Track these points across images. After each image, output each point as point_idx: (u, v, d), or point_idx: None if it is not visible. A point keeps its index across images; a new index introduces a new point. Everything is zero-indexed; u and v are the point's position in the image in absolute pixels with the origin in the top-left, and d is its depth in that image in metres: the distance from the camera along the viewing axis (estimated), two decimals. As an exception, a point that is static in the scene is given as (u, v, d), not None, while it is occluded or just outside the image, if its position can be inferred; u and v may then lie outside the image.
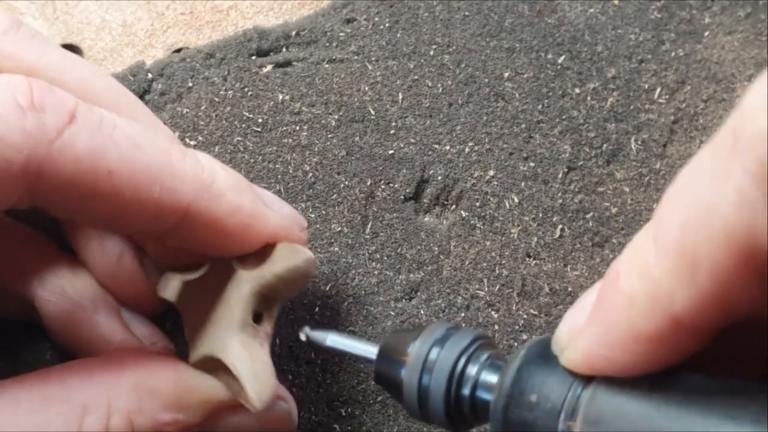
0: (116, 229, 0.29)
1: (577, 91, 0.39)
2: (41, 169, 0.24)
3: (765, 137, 0.18)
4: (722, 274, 0.19)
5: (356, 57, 0.39)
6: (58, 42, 0.41)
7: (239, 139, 0.38)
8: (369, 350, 0.28)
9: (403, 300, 0.36)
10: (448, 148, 0.38)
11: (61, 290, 0.31)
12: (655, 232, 0.20)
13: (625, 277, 0.21)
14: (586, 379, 0.22)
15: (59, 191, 0.25)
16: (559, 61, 0.39)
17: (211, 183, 0.28)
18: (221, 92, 0.38)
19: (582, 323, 0.22)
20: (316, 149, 0.38)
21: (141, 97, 0.38)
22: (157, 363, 0.28)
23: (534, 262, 0.37)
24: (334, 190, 0.37)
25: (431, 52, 0.40)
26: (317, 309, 0.36)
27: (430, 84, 0.39)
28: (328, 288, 0.36)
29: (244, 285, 0.30)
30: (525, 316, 0.36)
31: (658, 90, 0.39)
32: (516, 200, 0.38)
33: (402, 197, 0.37)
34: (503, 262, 0.37)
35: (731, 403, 0.19)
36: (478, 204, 0.37)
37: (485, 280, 0.37)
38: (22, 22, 0.29)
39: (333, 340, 0.29)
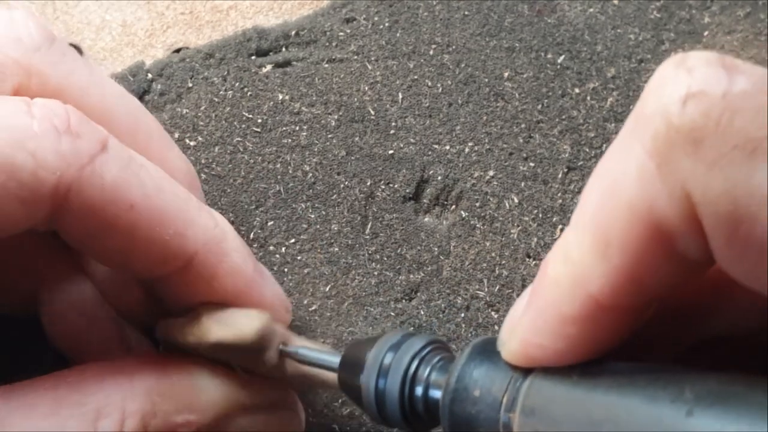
0: (124, 265, 0.29)
1: (577, 90, 0.39)
2: (69, 192, 0.25)
3: (658, 115, 0.18)
4: (631, 250, 0.19)
5: (356, 57, 0.39)
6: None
7: (239, 139, 0.38)
8: (333, 360, 0.29)
9: (403, 300, 0.36)
10: (447, 148, 0.38)
11: (67, 296, 0.31)
12: (575, 214, 0.21)
13: (552, 262, 0.21)
14: (526, 372, 0.22)
15: (81, 218, 0.25)
16: (559, 60, 0.39)
17: (221, 240, 0.29)
18: (221, 92, 0.38)
19: (519, 315, 0.22)
20: (315, 149, 0.38)
21: (140, 97, 0.38)
22: (169, 366, 0.29)
23: (534, 262, 0.37)
24: (334, 191, 0.37)
25: (431, 52, 0.40)
26: (316, 309, 0.36)
27: (429, 84, 0.39)
28: (328, 288, 0.36)
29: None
30: (525, 317, 0.36)
31: (658, 90, 0.39)
32: (516, 200, 0.38)
33: (402, 197, 0.37)
34: (503, 262, 0.37)
35: (653, 385, 0.19)
36: (478, 204, 0.37)
37: (485, 281, 0.37)
38: (56, 37, 0.29)
39: (302, 353, 0.30)
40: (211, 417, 0.29)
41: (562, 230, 0.37)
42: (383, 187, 0.37)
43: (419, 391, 0.25)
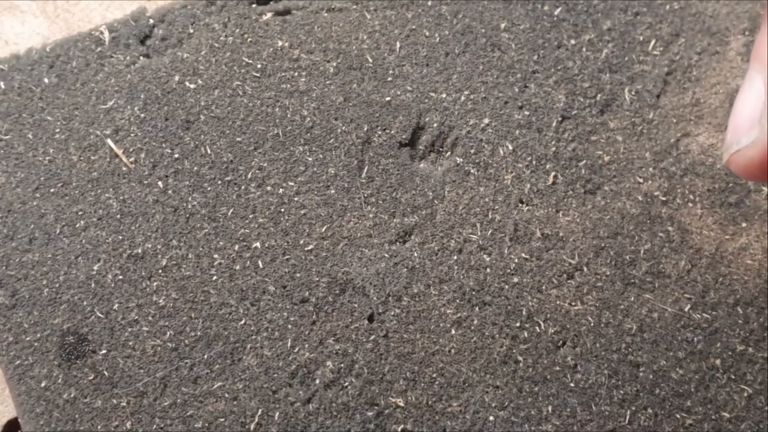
0: None
1: (573, 42, 0.40)
2: None
3: None
4: None
5: (355, 6, 0.40)
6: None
7: (238, 83, 0.38)
8: None
9: (397, 243, 0.37)
10: (444, 96, 0.39)
11: None
12: None
13: None
14: None
15: None
16: (556, 12, 0.40)
17: None
18: (221, 38, 0.39)
19: None
20: (314, 95, 0.38)
21: (142, 42, 0.39)
22: None
23: (526, 207, 0.37)
24: (332, 135, 0.38)
25: (429, 3, 0.40)
26: (312, 249, 0.36)
27: (427, 33, 0.40)
28: (323, 230, 0.37)
29: None
30: (516, 260, 0.37)
31: (653, 42, 0.40)
32: (510, 147, 0.38)
33: (398, 143, 0.38)
34: (496, 207, 0.37)
35: None
36: (472, 151, 0.38)
37: (478, 225, 0.37)
38: None
39: None
40: None
41: (555, 177, 0.38)
42: (380, 132, 0.38)
43: None
